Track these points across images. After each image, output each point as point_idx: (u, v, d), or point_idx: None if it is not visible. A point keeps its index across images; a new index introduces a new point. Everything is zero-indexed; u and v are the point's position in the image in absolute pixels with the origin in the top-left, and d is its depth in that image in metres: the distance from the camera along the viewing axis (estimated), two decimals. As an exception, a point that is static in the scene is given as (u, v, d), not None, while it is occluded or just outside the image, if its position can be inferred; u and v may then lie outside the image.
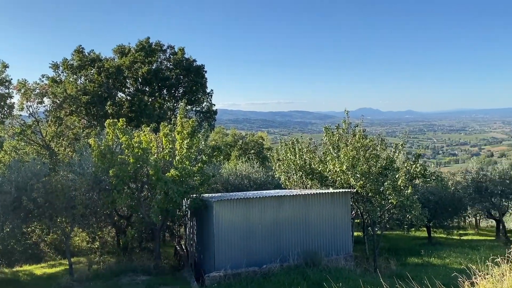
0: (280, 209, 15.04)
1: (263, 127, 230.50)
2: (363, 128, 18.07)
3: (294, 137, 20.95)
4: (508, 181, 25.41)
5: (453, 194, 24.86)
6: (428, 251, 19.51)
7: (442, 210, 24.01)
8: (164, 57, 36.50)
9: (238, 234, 14.41)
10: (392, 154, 17.31)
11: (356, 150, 16.43)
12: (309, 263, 14.03)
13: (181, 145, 15.81)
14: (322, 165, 17.67)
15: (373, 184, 15.54)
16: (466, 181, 26.23)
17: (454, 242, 24.57)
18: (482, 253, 18.08)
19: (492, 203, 25.58)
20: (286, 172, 19.63)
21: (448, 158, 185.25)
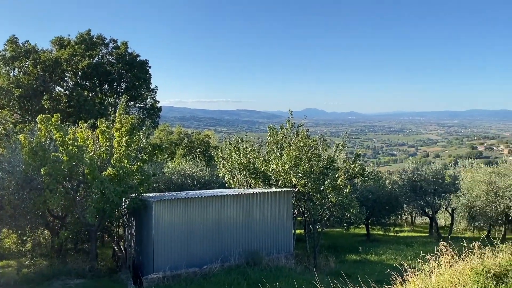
0: (223, 208, 14.89)
1: (211, 126, 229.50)
2: (306, 129, 18.35)
3: (239, 136, 20.91)
4: (440, 180, 26.90)
5: (390, 192, 25.91)
6: (366, 248, 20.17)
7: (380, 208, 24.98)
8: (106, 51, 35.14)
9: (178, 235, 14.09)
10: (333, 154, 17.72)
11: (298, 150, 16.65)
12: (250, 262, 14.01)
13: (120, 143, 15.20)
14: (265, 164, 17.73)
15: (314, 183, 15.82)
16: (403, 180, 27.44)
17: (390, 239, 25.62)
18: (416, 249, 18.99)
19: (426, 201, 26.94)
20: (230, 171, 19.51)
21: (387, 158, 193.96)
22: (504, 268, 6.85)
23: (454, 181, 26.75)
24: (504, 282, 6.69)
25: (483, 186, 22.88)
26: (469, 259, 7.46)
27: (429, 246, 19.81)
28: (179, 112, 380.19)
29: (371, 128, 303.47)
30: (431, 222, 28.86)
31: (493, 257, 7.50)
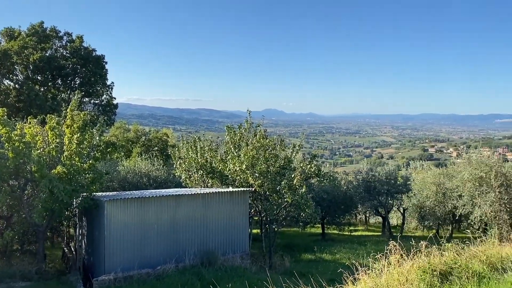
0: (178, 208, 14.63)
1: (169, 124, 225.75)
2: (264, 129, 18.40)
3: (197, 135, 20.67)
4: (393, 181, 27.81)
5: (345, 193, 26.50)
6: (321, 247, 20.50)
7: (335, 208, 25.49)
8: (60, 45, 33.80)
9: (131, 235, 13.70)
10: (290, 154, 17.87)
11: (256, 150, 16.65)
12: (205, 262, 13.85)
13: (71, 140, 14.60)
14: (223, 164, 17.62)
15: (271, 183, 15.90)
16: (358, 181, 28.15)
17: (345, 238, 26.20)
18: (368, 248, 19.47)
19: (379, 201, 27.77)
20: (187, 171, 19.26)
21: (344, 158, 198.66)
22: (449, 266, 7.12)
23: (406, 182, 27.72)
24: (448, 280, 6.95)
25: (432, 187, 23.82)
26: (417, 258, 7.70)
27: (381, 245, 20.34)
28: (137, 109, 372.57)
29: (329, 130, 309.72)
30: (384, 222, 29.75)
31: (439, 256, 7.78)
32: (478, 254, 7.68)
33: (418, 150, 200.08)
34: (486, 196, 17.98)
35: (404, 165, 42.62)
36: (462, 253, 7.93)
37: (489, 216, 17.83)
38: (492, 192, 17.81)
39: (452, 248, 8.15)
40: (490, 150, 27.58)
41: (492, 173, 18.01)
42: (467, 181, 19.08)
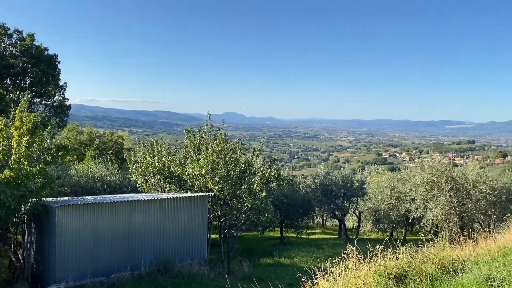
0: (134, 214, 14.20)
1: (125, 126, 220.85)
2: (225, 132, 18.28)
3: (154, 138, 20.22)
4: (349, 185, 28.44)
5: (303, 196, 26.81)
6: (280, 251, 20.57)
7: (294, 211, 25.71)
8: (9, 42, 32.05)
9: (84, 242, 13.14)
10: (251, 158, 17.84)
11: (216, 154, 16.48)
12: (162, 270, 13.51)
13: (19, 143, 13.83)
14: (181, 168, 17.30)
15: (231, 187, 15.77)
16: (315, 185, 28.56)
17: (303, 242, 26.47)
18: (326, 251, 19.78)
19: (336, 204, 28.28)
20: (144, 175, 18.76)
21: (302, 162, 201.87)
22: (404, 269, 7.28)
23: (362, 186, 28.43)
24: (403, 283, 7.09)
25: (387, 191, 24.52)
26: (373, 262, 7.84)
27: (338, 248, 20.74)
28: (91, 111, 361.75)
29: (288, 134, 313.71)
30: (340, 225, 30.35)
31: (394, 259, 7.95)
32: (431, 257, 7.90)
33: (373, 154, 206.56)
34: (437, 200, 18.70)
35: (360, 169, 43.78)
36: (416, 256, 8.14)
37: (440, 219, 18.55)
38: (443, 196, 18.54)
39: (406, 251, 8.36)
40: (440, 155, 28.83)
41: (443, 177, 18.77)
42: (420, 185, 19.79)
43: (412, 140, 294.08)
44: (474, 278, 6.05)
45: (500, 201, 18.59)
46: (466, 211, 18.82)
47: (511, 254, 7.39)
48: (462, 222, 18.99)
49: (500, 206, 18.47)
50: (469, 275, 6.45)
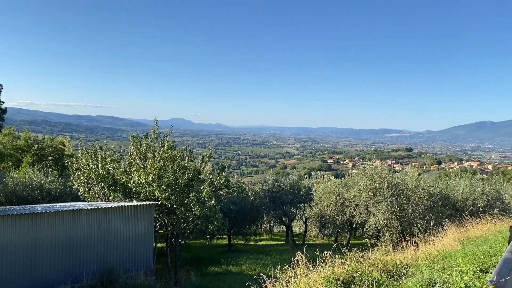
0: (75, 224, 13.51)
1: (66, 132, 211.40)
2: (173, 139, 17.93)
3: (98, 144, 19.43)
4: (296, 191, 28.88)
5: (252, 203, 26.87)
6: (228, 259, 20.43)
7: (242, 218, 25.68)
8: None
9: (22, 253, 12.30)
10: (199, 166, 17.60)
11: (163, 161, 16.11)
12: (106, 281, 12.94)
13: None
14: (127, 176, 16.70)
15: (179, 195, 15.43)
16: (264, 191, 28.74)
17: (251, 248, 26.48)
18: (274, 258, 19.89)
19: (284, 210, 28.61)
20: (87, 183, 17.96)
21: (250, 169, 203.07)
22: (351, 275, 7.46)
23: (308, 192, 28.98)
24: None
25: (332, 197, 25.18)
26: (321, 268, 7.96)
27: (285, 254, 20.95)
28: (29, 115, 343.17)
29: (236, 140, 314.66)
30: (288, 230, 30.72)
31: (342, 265, 8.13)
32: (376, 262, 8.16)
33: (318, 161, 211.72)
34: (379, 205, 19.43)
35: (306, 175, 44.60)
36: (362, 261, 8.37)
37: (382, 223, 19.26)
38: (384, 201, 19.30)
39: (353, 256, 8.58)
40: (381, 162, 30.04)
41: (384, 183, 19.55)
42: (363, 191, 20.48)
43: (355, 147, 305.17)
44: (417, 282, 6.29)
45: (437, 206, 19.61)
46: (406, 216, 19.68)
47: (450, 258, 7.80)
48: (402, 226, 19.85)
49: (437, 211, 19.48)
50: (412, 279, 6.71)
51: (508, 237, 6.87)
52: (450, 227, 12.93)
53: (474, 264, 6.73)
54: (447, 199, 20.91)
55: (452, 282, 6.03)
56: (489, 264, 6.76)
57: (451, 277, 6.20)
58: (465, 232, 11.64)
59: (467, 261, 6.93)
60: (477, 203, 19.97)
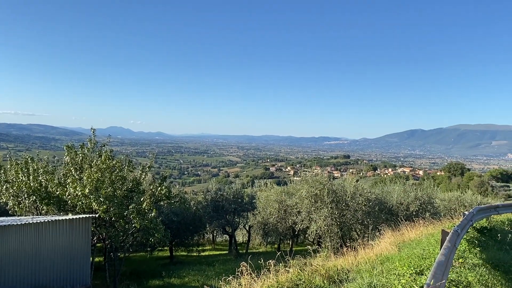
0: (3, 241, 12.56)
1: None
2: (111, 149, 17.27)
3: (28, 154, 18.26)
4: (240, 200, 28.80)
5: (194, 213, 26.43)
6: (170, 272, 19.90)
7: (184, 229, 25.17)
8: None
9: None
10: (139, 176, 17.07)
11: (101, 172, 15.45)
12: (37, 302, 12.10)
13: None
14: (61, 188, 15.81)
15: (118, 208, 14.84)
16: (206, 201, 28.38)
17: (194, 259, 26.00)
18: (217, 268, 19.66)
19: (227, 220, 28.41)
20: (16, 196, 16.78)
21: (193, 178, 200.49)
22: (295, 283, 7.52)
23: (251, 200, 29.01)
24: (295, 296, 7.32)
25: (275, 204, 25.40)
26: (266, 277, 7.96)
27: (229, 264, 20.80)
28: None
29: (178, 149, 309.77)
30: (231, 240, 30.53)
31: (285, 273, 8.18)
32: (318, 269, 8.31)
33: (261, 169, 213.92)
34: (320, 212, 19.87)
35: (249, 183, 44.76)
36: (305, 268, 8.49)
37: (323, 229, 19.70)
38: (325, 208, 19.76)
39: (296, 264, 8.68)
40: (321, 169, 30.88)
41: (325, 190, 20.04)
42: (305, 198, 20.86)
43: (296, 154, 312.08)
44: (358, 287, 6.46)
45: (374, 211, 20.40)
46: (345, 222, 20.29)
47: (388, 262, 8.10)
48: (342, 232, 20.43)
49: (374, 216, 20.26)
50: (353, 284, 6.88)
51: (440, 240, 7.26)
52: (386, 231, 13.49)
53: (410, 267, 7.04)
54: (383, 204, 21.81)
55: (390, 286, 6.26)
56: (423, 266, 7.10)
57: (389, 281, 6.43)
58: (400, 236, 12.18)
59: (404, 264, 7.23)
60: (410, 208, 21.03)
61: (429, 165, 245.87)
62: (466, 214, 10.66)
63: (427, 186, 23.93)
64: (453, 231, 6.91)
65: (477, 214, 11.52)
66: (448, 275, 6.20)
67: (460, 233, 7.86)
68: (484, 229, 11.31)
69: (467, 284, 6.43)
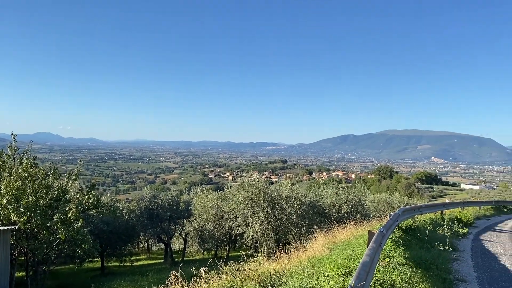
0: None
1: None
2: (34, 155, 16.14)
3: None
4: (176, 207, 28.22)
5: (127, 222, 25.47)
6: (100, 284, 18.89)
7: (116, 239, 24.17)
8: None
9: None
10: (65, 184, 16.10)
11: (22, 181, 14.36)
12: None
13: None
14: (-25, 198, 14.47)
15: (41, 218, 13.84)
16: (140, 209, 27.47)
17: (126, 270, 25.01)
18: (151, 278, 19.00)
19: (162, 228, 27.69)
20: None
21: (127, 185, 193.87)
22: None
23: (188, 207, 28.54)
24: (226, 304, 7.19)
25: (211, 211, 25.13)
26: (197, 285, 7.76)
27: (163, 273, 20.18)
28: None
29: (111, 156, 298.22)
30: (166, 248, 29.80)
31: (217, 280, 8.03)
32: (251, 274, 8.24)
33: (199, 175, 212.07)
34: (256, 216, 19.95)
35: (186, 190, 44.04)
36: (238, 274, 8.39)
37: (259, 234, 19.78)
38: (261, 212, 19.88)
39: (229, 270, 8.56)
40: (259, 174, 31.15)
41: (261, 195, 20.17)
42: (241, 203, 20.85)
43: (235, 160, 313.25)
44: (288, 291, 6.46)
45: (308, 214, 20.86)
46: (281, 225, 20.52)
47: (319, 264, 8.22)
48: (278, 235, 20.64)
49: (308, 219, 20.70)
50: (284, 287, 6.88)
51: (367, 240, 7.49)
52: (319, 233, 13.79)
53: (339, 268, 7.18)
54: (317, 207, 22.37)
55: (320, 287, 6.33)
56: (352, 267, 7.28)
57: (319, 283, 6.50)
58: (332, 238, 12.49)
59: (334, 266, 7.36)
60: (342, 210, 21.75)
61: (361, 169, 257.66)
62: (392, 215, 11.16)
63: (358, 188, 24.89)
64: (378, 231, 7.15)
65: (403, 214, 12.14)
66: (374, 275, 6.39)
67: (385, 234, 8.17)
68: (408, 228, 11.90)
69: (391, 283, 6.68)
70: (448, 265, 8.92)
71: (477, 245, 12.74)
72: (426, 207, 16.63)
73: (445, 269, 8.39)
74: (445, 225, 14.63)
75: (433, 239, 10.54)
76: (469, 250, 11.65)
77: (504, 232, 16.50)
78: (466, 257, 10.49)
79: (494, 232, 16.30)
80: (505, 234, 15.86)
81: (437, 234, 12.03)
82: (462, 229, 15.31)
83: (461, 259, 10.07)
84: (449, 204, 21.32)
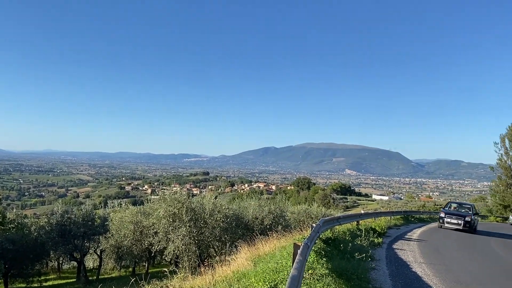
0: None
1: None
2: None
3: None
4: (90, 223, 26.54)
5: (36, 239, 23.46)
6: (2, 310, 17.16)
7: (23, 258, 22.16)
8: None
9: None
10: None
11: None
12: None
13: None
14: None
15: None
16: (50, 225, 25.44)
17: (33, 292, 22.99)
18: (62, 300, 17.64)
19: (75, 245, 25.86)
20: None
21: (35, 199, 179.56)
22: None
23: (104, 223, 27.01)
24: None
25: (130, 226, 24.07)
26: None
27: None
28: None
29: (17, 167, 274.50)
30: (79, 266, 27.89)
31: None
32: (174, 292, 7.96)
33: (115, 188, 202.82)
34: (178, 231, 19.45)
35: (102, 204, 41.84)
36: (160, 293, 8.06)
37: (181, 249, 19.29)
38: (183, 227, 19.42)
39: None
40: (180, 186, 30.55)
41: (183, 208, 19.72)
42: (162, 217, 20.22)
43: (154, 172, 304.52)
44: (215, 308, 6.31)
45: (231, 227, 20.79)
46: (203, 239, 20.21)
47: (244, 278, 8.16)
48: (200, 250, 20.29)
49: (232, 232, 20.63)
50: (210, 305, 6.71)
51: (292, 253, 7.60)
52: (243, 246, 13.75)
53: (265, 282, 7.18)
54: (240, 219, 22.40)
55: (247, 303, 6.26)
56: (277, 280, 7.32)
57: (246, 298, 6.43)
58: (256, 250, 12.52)
59: (259, 280, 7.35)
60: (265, 221, 22.00)
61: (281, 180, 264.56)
62: (314, 226, 11.49)
63: (279, 200, 25.39)
64: (303, 244, 7.29)
65: (323, 225, 12.55)
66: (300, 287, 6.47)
67: (309, 245, 8.36)
68: (329, 239, 12.33)
69: (316, 295, 6.81)
70: (367, 275, 9.35)
71: (391, 254, 13.56)
72: (344, 218, 17.40)
73: (365, 278, 8.78)
74: (363, 236, 15.41)
75: (353, 250, 11.01)
76: (384, 259, 12.35)
77: (413, 241, 17.80)
78: (382, 266, 11.10)
79: (405, 241, 17.50)
80: (414, 243, 17.11)
81: (356, 244, 12.59)
82: (376, 238, 16.22)
83: (378, 268, 10.63)
84: (365, 214, 22.56)
